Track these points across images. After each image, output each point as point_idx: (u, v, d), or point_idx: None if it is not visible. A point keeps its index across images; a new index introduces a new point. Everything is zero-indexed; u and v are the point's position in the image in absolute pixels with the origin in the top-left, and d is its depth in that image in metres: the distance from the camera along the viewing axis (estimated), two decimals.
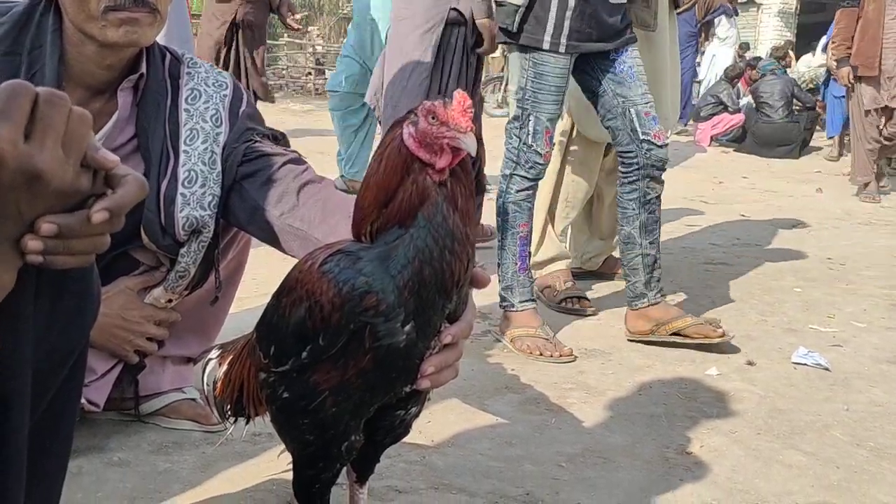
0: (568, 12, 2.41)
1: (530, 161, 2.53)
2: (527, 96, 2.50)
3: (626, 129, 2.49)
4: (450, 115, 0.99)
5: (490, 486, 1.65)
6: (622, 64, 2.49)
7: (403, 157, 1.01)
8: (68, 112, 0.74)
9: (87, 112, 0.77)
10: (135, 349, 1.68)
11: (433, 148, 1.00)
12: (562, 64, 2.46)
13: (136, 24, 1.45)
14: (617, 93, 2.49)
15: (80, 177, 0.76)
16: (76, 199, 0.77)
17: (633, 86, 2.48)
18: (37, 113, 0.73)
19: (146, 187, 0.80)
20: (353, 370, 1.03)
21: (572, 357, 2.41)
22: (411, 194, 1.00)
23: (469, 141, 0.98)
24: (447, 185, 1.01)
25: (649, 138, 2.47)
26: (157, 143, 1.56)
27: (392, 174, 1.01)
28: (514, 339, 2.49)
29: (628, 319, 2.63)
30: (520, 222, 2.57)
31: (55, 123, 0.73)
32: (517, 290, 2.57)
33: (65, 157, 0.74)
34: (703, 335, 2.51)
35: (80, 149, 0.76)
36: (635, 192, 2.53)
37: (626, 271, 2.63)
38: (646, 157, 2.48)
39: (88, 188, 0.78)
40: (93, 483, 1.59)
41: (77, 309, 0.90)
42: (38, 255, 0.76)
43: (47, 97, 0.73)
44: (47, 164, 0.73)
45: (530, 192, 2.58)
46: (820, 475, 1.78)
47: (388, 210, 1.01)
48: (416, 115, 1.02)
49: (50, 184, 0.74)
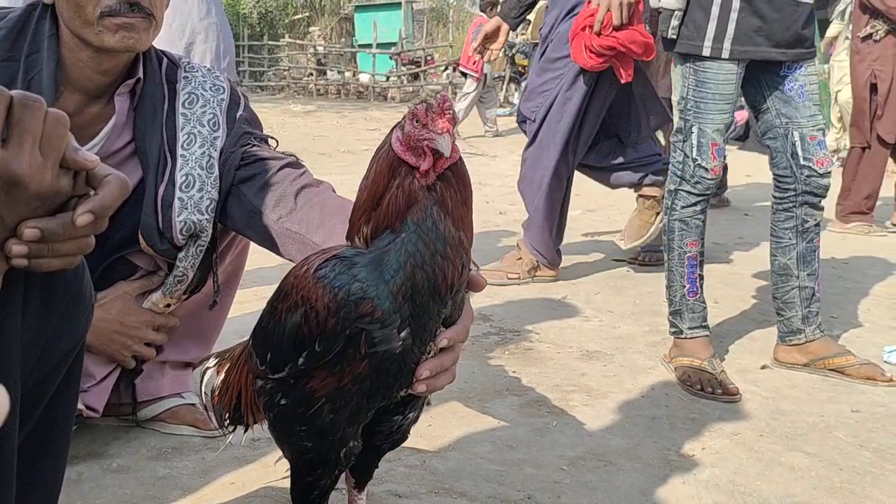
0: (733, 14, 2.20)
1: (696, 176, 2.32)
2: (688, 106, 2.31)
3: (787, 152, 2.29)
4: (430, 117, 0.99)
5: (491, 490, 1.64)
6: (793, 81, 2.28)
7: (390, 161, 1.02)
8: (44, 114, 0.74)
9: (63, 113, 0.76)
10: (133, 354, 1.68)
11: (417, 151, 1.00)
12: (726, 70, 2.25)
13: (132, 29, 1.45)
14: (781, 112, 2.30)
15: (59, 179, 0.76)
16: (58, 201, 0.77)
17: (801, 107, 2.28)
18: (12, 117, 0.72)
19: (128, 186, 0.79)
20: (349, 376, 1.02)
21: (738, 396, 2.18)
22: (397, 197, 1.00)
23: (444, 142, 0.98)
24: (436, 189, 1.01)
25: (811, 164, 2.27)
26: (154, 148, 1.56)
27: (380, 178, 1.02)
28: (678, 367, 2.32)
29: (779, 352, 2.44)
30: (688, 241, 2.37)
31: (31, 127, 0.73)
32: (686, 316, 2.38)
33: (43, 160, 0.74)
34: (866, 377, 2.31)
35: (59, 151, 0.75)
36: (791, 219, 2.34)
37: (779, 305, 2.42)
38: (804, 184, 2.29)
39: (69, 190, 0.77)
40: (92, 489, 1.58)
41: (68, 314, 0.89)
42: (22, 258, 0.75)
43: (22, 100, 0.73)
44: (24, 169, 0.73)
45: (698, 209, 2.36)
46: (822, 477, 1.77)
47: (377, 213, 1.01)
48: (405, 120, 1.02)
49: (28, 188, 0.73)
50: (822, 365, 2.36)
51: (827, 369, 2.36)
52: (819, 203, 2.33)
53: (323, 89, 16.61)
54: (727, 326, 2.78)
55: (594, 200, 5.25)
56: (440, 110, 0.99)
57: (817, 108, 2.31)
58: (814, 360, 2.37)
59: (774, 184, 2.38)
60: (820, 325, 2.40)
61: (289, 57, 17.99)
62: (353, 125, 10.53)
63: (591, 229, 4.46)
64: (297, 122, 10.07)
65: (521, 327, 2.72)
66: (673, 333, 2.42)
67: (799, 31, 2.24)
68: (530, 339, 2.61)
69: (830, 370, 2.35)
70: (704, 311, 2.41)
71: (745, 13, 2.21)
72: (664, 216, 2.43)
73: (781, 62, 2.27)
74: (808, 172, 2.28)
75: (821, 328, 2.40)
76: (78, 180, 0.78)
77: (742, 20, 2.21)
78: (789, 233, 2.36)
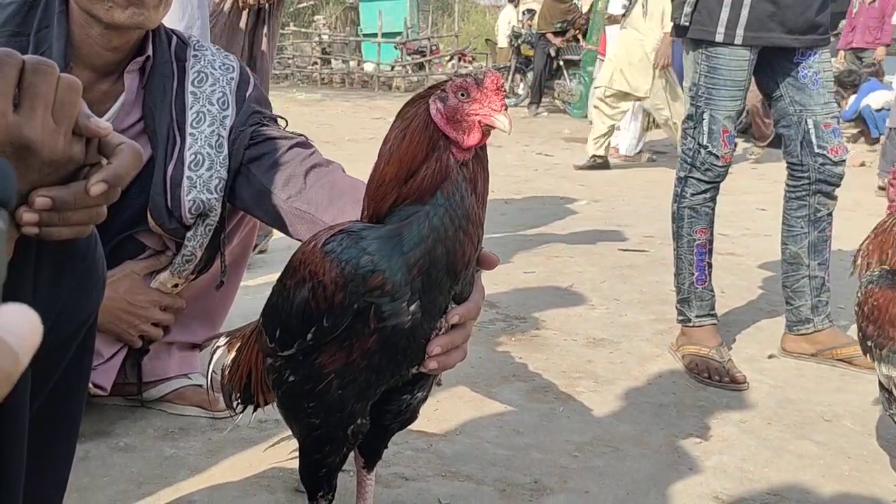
0: (746, 0, 2.19)
1: (706, 163, 2.30)
2: (700, 93, 2.28)
3: (800, 139, 2.27)
4: (483, 93, 0.97)
5: (497, 474, 1.64)
6: (807, 69, 2.25)
7: (430, 133, 0.99)
8: (56, 80, 0.73)
9: (76, 79, 0.74)
10: (140, 334, 1.67)
11: (462, 126, 0.98)
12: (738, 56, 2.23)
13: (142, 5, 1.44)
14: (795, 99, 2.27)
15: (72, 145, 0.75)
16: (70, 169, 0.76)
17: (815, 94, 2.25)
18: (24, 82, 0.71)
19: (142, 156, 0.78)
20: (358, 351, 1.01)
21: (745, 385, 2.17)
22: (434, 171, 0.98)
23: (504, 119, 0.97)
24: (469, 165, 1.00)
25: (825, 153, 2.25)
26: (163, 126, 1.55)
27: (417, 149, 0.99)
28: (685, 355, 2.31)
29: (786, 341, 2.42)
30: (697, 228, 2.35)
31: (43, 92, 0.72)
32: (694, 304, 2.37)
33: (55, 126, 0.73)
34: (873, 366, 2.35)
35: (71, 117, 0.74)
36: (804, 208, 2.32)
37: (788, 294, 2.40)
38: (818, 173, 2.26)
39: (81, 157, 0.76)
40: (99, 468, 1.58)
41: (80, 288, 0.88)
42: (33, 227, 0.74)
43: (34, 66, 0.71)
44: (37, 134, 0.71)
45: (708, 196, 2.34)
46: (831, 465, 1.76)
47: (409, 186, 0.99)
48: (443, 91, 0.99)
49: (41, 153, 0.72)
50: (830, 355, 2.35)
51: (835, 359, 2.34)
52: (833, 192, 2.31)
53: (328, 78, 16.58)
54: (734, 316, 2.77)
55: (599, 190, 5.24)
56: (495, 87, 0.97)
57: (831, 96, 2.28)
58: (822, 350, 2.36)
59: (788, 172, 2.36)
60: (829, 315, 2.38)
61: (293, 45, 17.95)
62: (357, 114, 10.51)
63: (596, 218, 4.44)
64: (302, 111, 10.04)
65: (527, 314, 2.71)
66: (681, 321, 2.41)
67: (813, 18, 2.22)
68: (537, 326, 2.60)
69: (838, 360, 2.34)
70: (713, 299, 2.40)
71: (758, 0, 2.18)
72: (673, 203, 2.41)
73: (795, 49, 2.24)
74: (823, 160, 2.26)
75: (829, 318, 2.39)
76: (90, 148, 0.77)
77: (755, 6, 2.19)
78: (801, 221, 2.34)
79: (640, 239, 3.90)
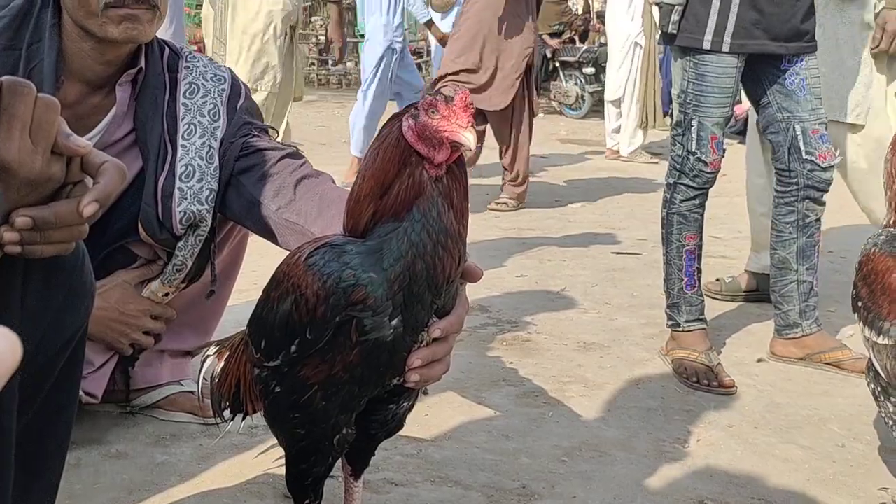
0: (733, 7, 2.20)
1: (695, 169, 2.31)
2: (688, 100, 2.30)
3: (787, 145, 2.28)
4: (451, 110, 0.99)
5: (486, 480, 1.66)
6: (794, 75, 2.26)
7: (401, 150, 1.02)
8: (34, 100, 0.73)
9: (53, 99, 0.75)
10: (131, 342, 1.69)
11: (432, 142, 1.01)
12: (726, 63, 2.24)
13: (135, 20, 1.46)
14: (782, 106, 2.28)
15: (51, 165, 0.75)
16: (50, 188, 0.77)
17: (803, 100, 2.26)
18: (1, 103, 0.72)
19: (125, 172, 0.79)
20: (340, 364, 1.03)
21: (734, 389, 2.19)
22: (407, 187, 1.00)
23: (469, 136, 0.99)
24: (443, 181, 1.02)
25: (813, 158, 2.26)
26: (154, 138, 1.57)
27: (389, 166, 1.02)
28: (674, 360, 2.33)
29: (775, 345, 2.44)
30: (686, 234, 2.37)
31: (20, 113, 0.72)
32: (683, 309, 2.38)
33: (33, 147, 0.73)
34: (861, 371, 2.23)
35: (49, 137, 0.75)
36: (792, 213, 2.33)
37: (776, 298, 2.42)
38: (806, 178, 2.28)
39: (62, 176, 0.77)
40: (91, 475, 1.60)
41: (69, 302, 0.90)
42: (15, 246, 0.76)
43: (11, 86, 0.72)
44: (13, 155, 0.72)
45: (697, 202, 2.36)
46: (816, 469, 1.78)
47: (384, 202, 1.01)
48: (416, 109, 1.02)
49: (18, 174, 0.73)
50: (819, 359, 2.37)
51: (823, 363, 2.36)
52: (821, 198, 2.33)
53: (324, 79, 16.58)
54: (724, 320, 2.79)
55: (594, 192, 5.25)
56: (463, 105, 0.99)
57: (819, 102, 2.30)
58: (810, 354, 2.38)
59: (776, 178, 2.38)
60: (817, 320, 2.40)
61: None
62: None
63: (590, 221, 4.46)
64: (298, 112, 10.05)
65: (518, 318, 2.73)
66: (670, 326, 2.43)
67: (798, 25, 2.24)
68: (527, 330, 2.62)
69: (826, 364, 2.36)
70: (702, 304, 2.42)
71: (745, 6, 2.20)
72: (662, 209, 2.44)
73: (782, 56, 2.27)
74: (811, 166, 2.28)
75: (818, 323, 2.41)
76: (72, 167, 0.78)
77: (741, 14, 2.21)
78: (790, 227, 2.36)
79: (633, 242, 3.92)
